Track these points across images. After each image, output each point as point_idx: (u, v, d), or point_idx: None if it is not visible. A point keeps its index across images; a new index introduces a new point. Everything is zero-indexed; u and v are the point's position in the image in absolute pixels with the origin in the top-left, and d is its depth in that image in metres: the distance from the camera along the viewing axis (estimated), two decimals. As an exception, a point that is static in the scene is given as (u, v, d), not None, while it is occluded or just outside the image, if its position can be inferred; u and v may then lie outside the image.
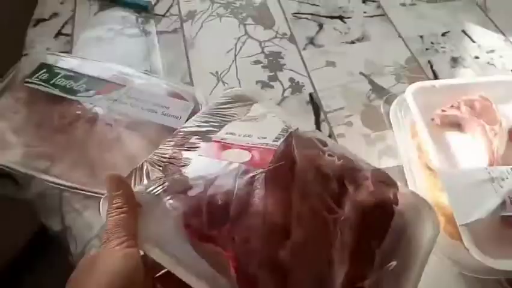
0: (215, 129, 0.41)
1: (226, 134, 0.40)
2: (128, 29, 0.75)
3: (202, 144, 0.39)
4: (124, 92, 0.61)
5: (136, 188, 0.36)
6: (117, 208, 0.33)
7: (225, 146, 0.39)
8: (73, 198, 0.53)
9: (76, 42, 0.72)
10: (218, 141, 0.39)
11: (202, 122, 0.43)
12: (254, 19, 0.77)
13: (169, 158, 0.38)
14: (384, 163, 0.57)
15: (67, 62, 0.65)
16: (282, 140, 0.38)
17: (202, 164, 0.37)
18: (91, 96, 0.60)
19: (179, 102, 0.60)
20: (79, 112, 0.59)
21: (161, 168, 0.37)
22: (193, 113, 0.58)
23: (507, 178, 0.44)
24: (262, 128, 0.41)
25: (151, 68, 0.68)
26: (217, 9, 0.79)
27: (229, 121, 0.42)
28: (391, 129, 0.60)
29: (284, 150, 0.37)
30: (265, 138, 0.39)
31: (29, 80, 0.62)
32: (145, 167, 0.38)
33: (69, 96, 0.60)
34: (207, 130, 0.41)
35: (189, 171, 0.36)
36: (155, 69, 0.68)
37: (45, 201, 0.55)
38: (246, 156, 0.37)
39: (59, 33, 0.73)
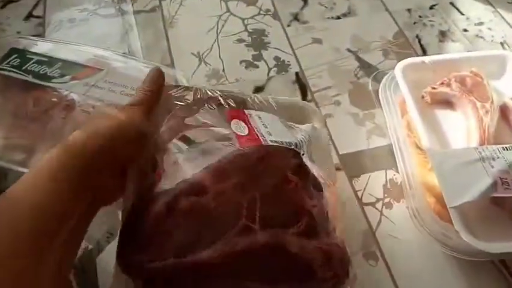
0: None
1: (258, 117, 0.40)
2: (103, 9, 0.71)
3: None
4: (101, 77, 0.58)
5: None
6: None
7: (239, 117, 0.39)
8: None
9: (48, 24, 0.68)
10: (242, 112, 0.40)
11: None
12: (237, -5, 0.74)
13: None
14: (374, 143, 0.56)
15: (39, 46, 0.61)
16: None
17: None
18: (66, 82, 0.57)
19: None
20: (55, 99, 0.56)
21: None
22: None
23: (498, 158, 0.43)
24: (286, 135, 0.40)
25: (129, 49, 0.65)
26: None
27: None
28: (380, 107, 0.58)
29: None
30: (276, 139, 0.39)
31: (1, 67, 0.58)
32: None
33: (43, 83, 0.57)
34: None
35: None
36: (133, 51, 0.65)
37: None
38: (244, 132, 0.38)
39: (29, 15, 0.69)
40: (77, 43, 0.63)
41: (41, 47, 0.61)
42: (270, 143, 0.38)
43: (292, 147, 0.39)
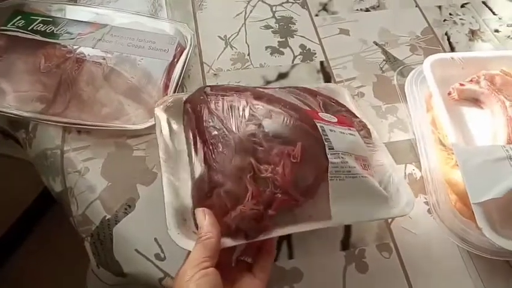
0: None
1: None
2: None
3: None
4: (107, 31, 0.62)
5: None
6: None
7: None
8: (75, 158, 0.52)
9: (79, -3, 0.69)
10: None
11: None
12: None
13: None
14: (395, 136, 0.55)
15: (42, 8, 0.64)
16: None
17: None
18: (74, 38, 0.59)
19: (164, 36, 0.61)
20: (65, 54, 0.57)
21: None
22: (179, 46, 0.61)
23: (525, 157, 0.43)
24: None
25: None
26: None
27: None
28: (404, 101, 0.58)
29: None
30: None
31: (6, 28, 0.60)
32: None
33: (52, 40, 0.59)
34: None
35: None
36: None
37: (46, 161, 0.54)
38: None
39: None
40: (78, 3, 0.66)
41: (44, 8, 0.63)
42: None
43: None
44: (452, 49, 0.66)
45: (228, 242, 0.37)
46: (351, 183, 0.41)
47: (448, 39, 0.67)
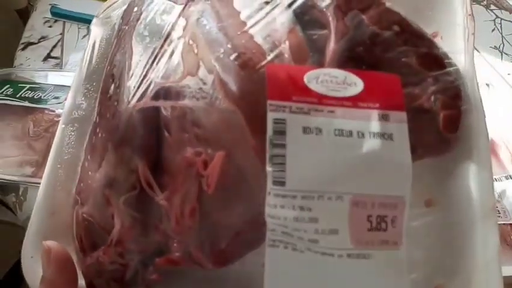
0: None
1: None
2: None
3: None
4: None
5: None
6: None
7: None
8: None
9: (65, 64, 0.72)
10: None
11: None
12: None
13: None
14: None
15: (28, 76, 0.67)
16: None
17: None
18: (61, 103, 0.62)
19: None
20: (53, 118, 0.60)
21: None
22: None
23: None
24: None
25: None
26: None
27: None
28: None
29: None
30: None
31: None
32: None
33: (40, 106, 0.62)
34: None
35: None
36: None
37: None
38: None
39: (48, 56, 0.74)
40: (62, 69, 0.69)
41: (31, 76, 0.67)
42: None
43: None
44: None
45: None
46: (319, 265, 0.19)
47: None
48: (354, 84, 0.21)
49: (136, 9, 0.29)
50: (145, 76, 0.24)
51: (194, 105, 0.22)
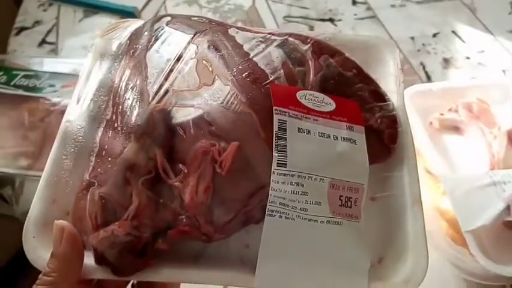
0: None
1: None
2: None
3: None
4: None
5: None
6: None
7: None
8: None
9: (61, 50, 0.69)
10: None
11: None
12: (244, 23, 0.76)
13: None
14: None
15: (23, 62, 0.64)
16: None
17: None
18: (57, 91, 0.60)
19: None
20: (49, 107, 0.57)
21: None
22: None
23: (509, 182, 0.44)
24: None
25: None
26: (205, 14, 0.77)
27: None
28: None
29: None
30: None
31: None
32: None
33: (35, 94, 0.59)
34: None
35: None
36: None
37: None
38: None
39: (43, 42, 0.71)
40: (59, 56, 0.65)
41: (25, 63, 0.64)
42: None
43: None
44: (429, 78, 0.68)
45: (89, 272, 0.27)
46: (306, 229, 0.27)
47: (424, 68, 0.70)
48: (329, 104, 0.31)
49: (146, 33, 0.36)
50: (161, 85, 0.31)
51: (210, 107, 0.30)
